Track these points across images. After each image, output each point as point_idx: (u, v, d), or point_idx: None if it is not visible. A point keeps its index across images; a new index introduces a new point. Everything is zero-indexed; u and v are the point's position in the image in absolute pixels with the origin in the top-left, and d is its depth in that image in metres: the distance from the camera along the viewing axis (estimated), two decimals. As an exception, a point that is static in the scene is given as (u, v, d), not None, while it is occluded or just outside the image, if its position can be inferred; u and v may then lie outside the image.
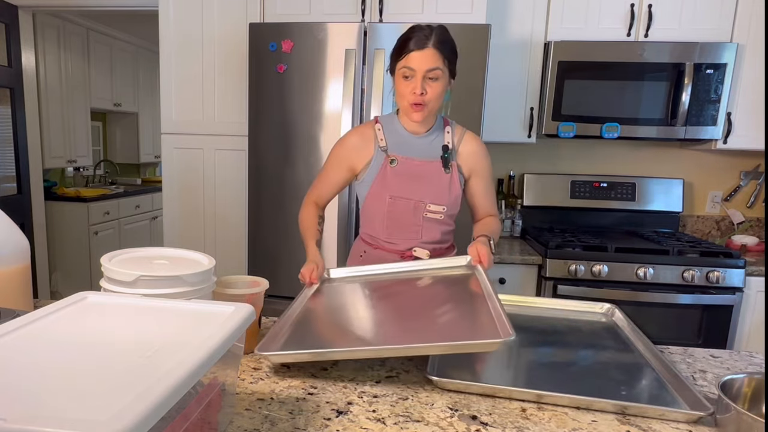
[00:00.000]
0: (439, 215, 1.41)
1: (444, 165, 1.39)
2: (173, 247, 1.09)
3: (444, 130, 1.43)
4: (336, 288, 1.30)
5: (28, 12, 3.24)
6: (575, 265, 2.11)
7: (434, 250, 1.44)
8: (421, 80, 1.27)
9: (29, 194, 3.37)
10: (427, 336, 0.93)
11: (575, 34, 2.31)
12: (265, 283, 1.14)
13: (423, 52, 1.25)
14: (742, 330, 2.13)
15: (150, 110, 5.01)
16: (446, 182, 1.40)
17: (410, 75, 1.28)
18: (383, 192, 1.40)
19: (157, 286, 0.90)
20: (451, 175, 1.40)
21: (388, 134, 1.42)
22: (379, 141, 1.41)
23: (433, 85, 1.29)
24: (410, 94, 1.29)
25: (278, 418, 0.79)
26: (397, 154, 1.40)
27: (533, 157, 2.73)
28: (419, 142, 1.41)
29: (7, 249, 1.08)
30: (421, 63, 1.26)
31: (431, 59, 1.26)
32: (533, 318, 1.29)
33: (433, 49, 1.25)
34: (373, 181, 1.41)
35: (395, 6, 2.17)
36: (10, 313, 0.86)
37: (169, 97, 2.35)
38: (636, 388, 0.93)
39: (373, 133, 1.42)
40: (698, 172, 2.67)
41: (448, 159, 1.40)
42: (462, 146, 1.44)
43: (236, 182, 2.38)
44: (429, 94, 1.29)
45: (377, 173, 1.40)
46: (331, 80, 2.07)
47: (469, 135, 1.45)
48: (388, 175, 1.39)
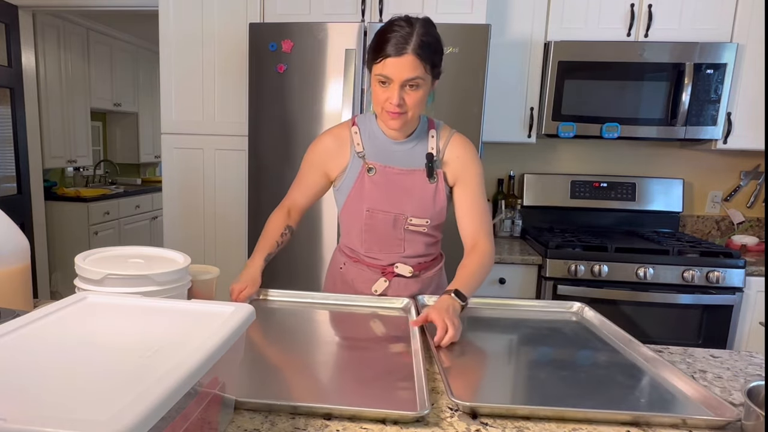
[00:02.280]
0: (422, 228, 1.29)
1: (428, 174, 1.26)
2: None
3: (428, 135, 1.29)
4: (262, 312, 1.21)
5: (28, 12, 3.24)
6: (575, 265, 2.11)
7: (418, 264, 1.34)
8: (399, 89, 1.13)
9: (29, 194, 3.37)
10: (338, 395, 0.85)
11: (575, 34, 2.31)
12: (216, 270, 1.13)
13: (401, 59, 1.10)
14: (742, 330, 2.13)
15: (150, 110, 5.01)
16: (430, 193, 1.27)
17: (387, 82, 1.14)
18: (360, 204, 1.27)
19: (126, 284, 0.90)
20: (436, 185, 1.27)
21: (365, 138, 1.28)
22: (356, 146, 1.27)
23: (413, 94, 1.14)
24: (386, 102, 1.15)
25: (278, 418, 0.79)
26: (376, 162, 1.26)
27: (533, 157, 2.73)
28: (400, 149, 1.27)
29: (7, 249, 1.08)
30: (399, 72, 1.11)
31: (410, 68, 1.10)
32: (507, 321, 1.23)
33: (412, 55, 1.10)
34: (350, 192, 1.29)
35: (395, 6, 2.17)
36: (10, 313, 0.86)
37: (169, 97, 2.35)
38: (637, 390, 0.90)
39: (349, 135, 1.29)
40: (698, 172, 2.66)
41: (433, 168, 1.26)
42: (449, 151, 1.28)
43: (236, 182, 2.38)
44: (407, 103, 1.15)
45: (354, 182, 1.28)
46: (331, 80, 2.07)
47: (456, 138, 1.30)
48: (366, 185, 1.27)
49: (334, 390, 0.87)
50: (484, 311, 1.29)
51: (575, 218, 2.65)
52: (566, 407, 0.80)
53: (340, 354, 1.02)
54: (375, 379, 0.90)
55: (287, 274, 2.18)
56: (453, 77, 1.95)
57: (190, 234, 2.44)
